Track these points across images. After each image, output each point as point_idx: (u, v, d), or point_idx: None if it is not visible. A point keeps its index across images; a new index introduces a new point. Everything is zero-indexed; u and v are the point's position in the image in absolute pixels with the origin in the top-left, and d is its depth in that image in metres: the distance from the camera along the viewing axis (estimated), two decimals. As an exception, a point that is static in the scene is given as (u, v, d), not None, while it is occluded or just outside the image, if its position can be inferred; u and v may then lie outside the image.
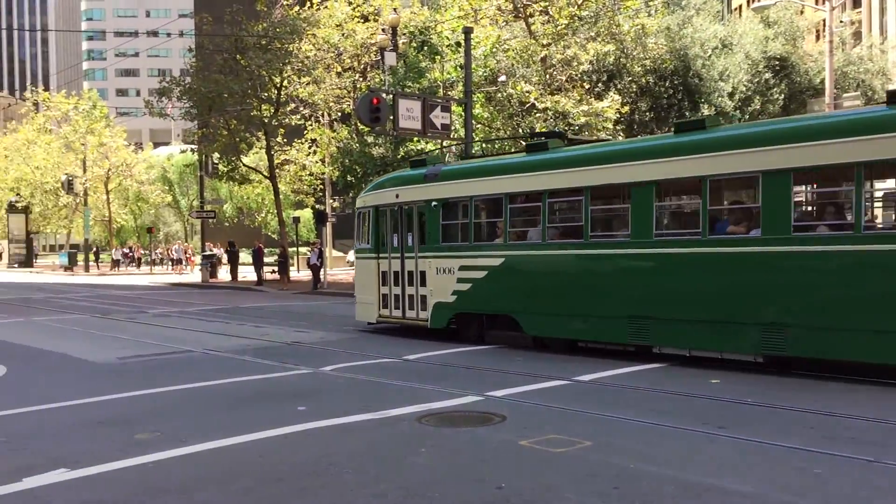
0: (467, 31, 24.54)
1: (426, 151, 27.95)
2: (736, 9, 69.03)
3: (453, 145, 26.56)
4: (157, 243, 70.01)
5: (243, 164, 37.98)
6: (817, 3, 37.49)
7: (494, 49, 28.71)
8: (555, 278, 13.18)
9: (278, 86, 34.29)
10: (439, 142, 26.92)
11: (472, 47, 25.20)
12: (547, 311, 13.28)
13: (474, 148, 22.65)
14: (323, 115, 37.97)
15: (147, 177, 67.20)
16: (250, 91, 33.88)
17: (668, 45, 32.29)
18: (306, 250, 42.31)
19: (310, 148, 39.90)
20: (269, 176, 37.43)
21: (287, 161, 39.43)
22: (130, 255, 62.05)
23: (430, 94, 26.78)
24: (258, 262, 36.88)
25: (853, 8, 56.01)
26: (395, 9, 31.02)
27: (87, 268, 56.12)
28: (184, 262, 53.57)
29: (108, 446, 7.41)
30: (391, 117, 22.24)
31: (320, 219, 33.39)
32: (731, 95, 33.47)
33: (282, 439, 7.59)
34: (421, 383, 10.46)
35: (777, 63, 36.68)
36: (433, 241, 15.26)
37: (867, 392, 9.44)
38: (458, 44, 27.46)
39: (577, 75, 29.25)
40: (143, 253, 63.45)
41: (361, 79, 34.72)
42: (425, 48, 30.26)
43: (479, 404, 9.09)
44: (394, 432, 7.84)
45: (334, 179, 38.48)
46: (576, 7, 28.77)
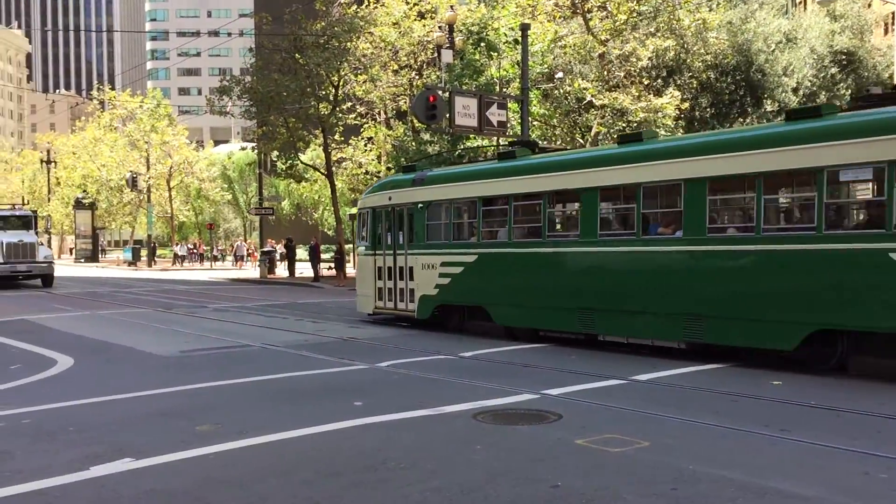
0: (524, 27, 24.44)
1: (482, 148, 27.95)
2: (800, 2, 67.32)
3: (509, 143, 26.45)
4: (217, 239, 71.31)
5: (301, 162, 38.44)
6: (886, -5, 36.35)
7: (552, 45, 28.53)
8: (519, 274, 14.67)
9: (336, 84, 34.60)
10: (495, 139, 26.88)
11: (530, 44, 25.09)
12: (513, 303, 14.79)
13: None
14: (379, 113, 38.19)
15: (208, 174, 68.42)
16: (308, 90, 34.25)
17: (730, 39, 31.66)
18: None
19: (365, 146, 40.18)
20: (326, 173, 37.79)
21: (344, 159, 39.78)
22: (195, 252, 63.29)
23: (487, 91, 26.75)
24: (315, 258, 37.29)
25: (924, 0, 54.09)
26: (451, 6, 30.99)
27: (149, 263, 57.46)
28: (246, 258, 54.37)
29: (170, 437, 7.58)
30: (447, 115, 22.27)
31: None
32: (795, 91, 32.67)
33: (338, 433, 7.67)
34: (476, 380, 10.46)
35: (843, 57, 35.68)
36: (419, 240, 16.90)
37: (937, 396, 9.15)
38: (516, 41, 27.37)
39: (635, 71, 28.89)
40: (205, 249, 64.66)
41: (418, 76, 34.82)
42: (482, 45, 30.21)
43: (535, 402, 9.05)
44: (449, 429, 7.86)
45: (390, 177, 38.66)
46: (635, 2, 28.42)
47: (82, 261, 65.46)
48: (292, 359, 12.84)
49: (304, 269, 41.90)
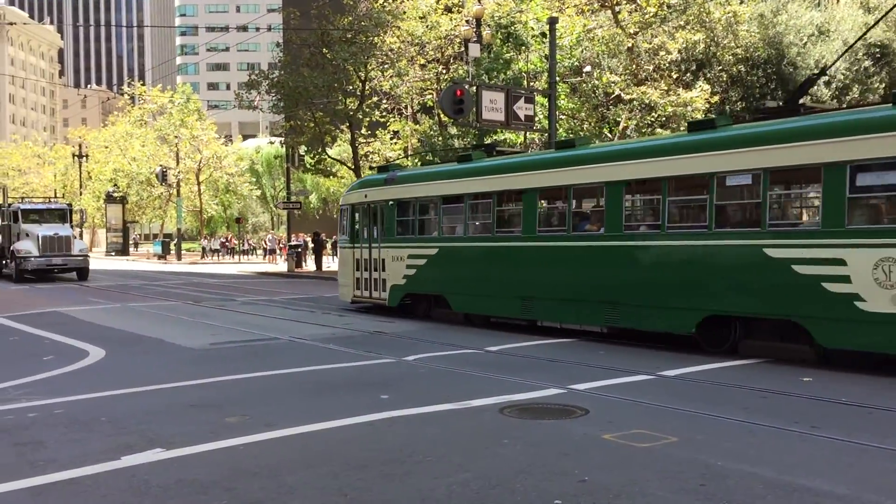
0: (552, 21, 24.31)
1: (509, 143, 27.87)
2: (833, -6, 66.27)
3: (536, 137, 26.41)
4: (245, 233, 71.82)
5: (329, 157, 38.58)
6: (922, -14, 35.70)
7: (580, 39, 28.36)
8: (472, 265, 16.23)
9: (363, 79, 34.68)
10: (522, 133, 26.80)
11: (558, 37, 24.96)
12: (468, 292, 16.36)
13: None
14: (406, 108, 38.22)
15: (236, 169, 68.93)
16: (335, 84, 34.36)
17: (761, 32, 31.27)
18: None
19: (391, 139, 40.24)
20: (353, 167, 37.94)
21: (370, 153, 39.88)
22: (226, 246, 63.76)
23: (515, 85, 26.66)
24: (342, 252, 37.30)
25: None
26: (478, 0, 30.94)
27: (179, 256, 58.04)
28: (277, 252, 54.71)
29: (200, 428, 7.66)
30: (474, 109, 22.24)
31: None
32: (827, 84, 32.19)
33: (366, 426, 7.70)
34: (503, 374, 10.46)
35: (878, 50, 35.08)
36: (390, 234, 18.45)
37: (972, 394, 9.00)
38: (543, 34, 27.23)
39: (664, 65, 28.65)
40: (235, 243, 65.14)
41: (444, 70, 34.79)
42: (510, 39, 30.11)
43: (562, 397, 9.03)
44: (476, 423, 7.87)
45: (417, 171, 38.66)
46: (664, -5, 28.17)
47: (112, 254, 66.26)
48: (319, 352, 12.93)
49: (331, 263, 42.10)
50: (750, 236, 11.38)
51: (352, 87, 35.10)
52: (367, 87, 35.11)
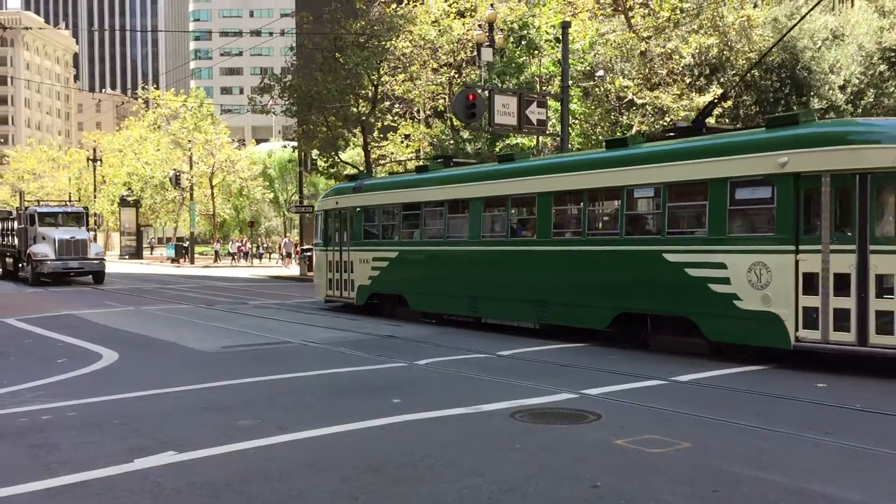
0: (565, 25, 24.27)
1: (520, 146, 27.85)
2: (848, -2, 65.98)
3: (549, 141, 26.38)
4: (258, 237, 71.95)
5: (341, 160, 38.67)
6: (937, -10, 35.49)
7: (593, 42, 28.31)
8: (427, 267, 17.75)
9: (375, 83, 34.74)
10: (535, 137, 26.76)
11: (570, 42, 24.93)
12: (423, 291, 17.91)
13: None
14: (418, 112, 38.24)
15: (249, 173, 69.11)
16: (348, 89, 34.42)
17: (775, 37, 31.11)
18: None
19: (402, 142, 40.26)
20: (365, 171, 37.95)
21: (383, 157, 39.90)
22: (242, 250, 63.92)
23: (528, 89, 26.63)
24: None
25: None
26: (491, 4, 30.93)
27: (192, 260, 58.24)
28: (293, 256, 54.75)
29: (212, 431, 7.69)
30: (487, 113, 22.23)
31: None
32: (842, 88, 31.97)
33: (377, 430, 7.71)
34: (514, 379, 10.45)
35: (893, 54, 34.83)
36: (357, 238, 19.98)
37: None
38: (557, 39, 27.20)
39: (677, 69, 28.56)
40: (249, 247, 65.26)
41: (457, 75, 34.81)
42: (523, 43, 30.08)
43: (574, 402, 9.01)
44: (487, 427, 7.86)
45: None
46: (678, -1, 28.07)
47: (126, 257, 66.56)
48: (331, 356, 12.95)
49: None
50: (652, 242, 12.91)
51: (364, 92, 35.15)
52: (380, 92, 35.15)
